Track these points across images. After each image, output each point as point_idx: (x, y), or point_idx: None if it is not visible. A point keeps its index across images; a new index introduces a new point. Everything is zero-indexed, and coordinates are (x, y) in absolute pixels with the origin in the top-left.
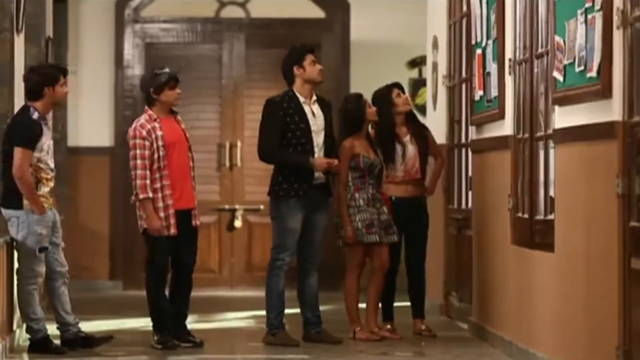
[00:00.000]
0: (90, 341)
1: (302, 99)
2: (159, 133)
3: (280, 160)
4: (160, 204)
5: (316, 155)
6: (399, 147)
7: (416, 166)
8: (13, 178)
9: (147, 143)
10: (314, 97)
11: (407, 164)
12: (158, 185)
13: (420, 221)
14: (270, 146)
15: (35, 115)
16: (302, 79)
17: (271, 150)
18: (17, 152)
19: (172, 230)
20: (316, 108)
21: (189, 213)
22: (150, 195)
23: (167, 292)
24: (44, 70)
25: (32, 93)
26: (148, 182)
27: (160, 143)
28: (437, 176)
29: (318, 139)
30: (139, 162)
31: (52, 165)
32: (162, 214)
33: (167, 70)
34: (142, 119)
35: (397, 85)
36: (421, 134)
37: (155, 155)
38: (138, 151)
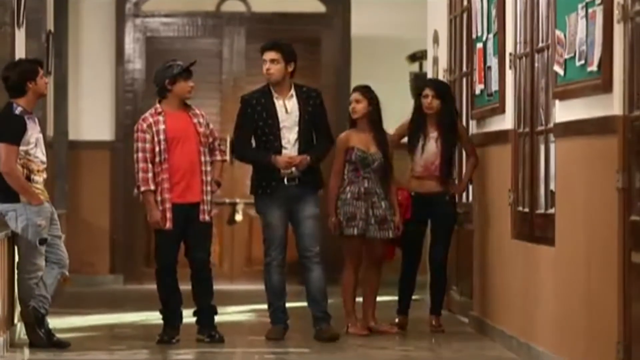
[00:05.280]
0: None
1: (275, 95)
2: (161, 127)
3: (248, 158)
4: (159, 198)
5: (288, 151)
6: (422, 141)
7: (436, 163)
8: None
9: (147, 136)
10: (291, 92)
11: (427, 160)
12: (158, 179)
13: (442, 218)
14: (239, 145)
15: (18, 111)
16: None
17: (240, 149)
18: (2, 148)
19: (167, 225)
20: (292, 103)
21: (196, 207)
22: (152, 187)
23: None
24: (22, 67)
25: (15, 90)
26: (150, 175)
27: (161, 137)
28: (468, 175)
29: (289, 135)
30: (140, 155)
31: (42, 157)
32: (160, 208)
33: (180, 63)
34: (148, 112)
35: (429, 85)
36: (451, 134)
37: (157, 149)
38: (139, 144)
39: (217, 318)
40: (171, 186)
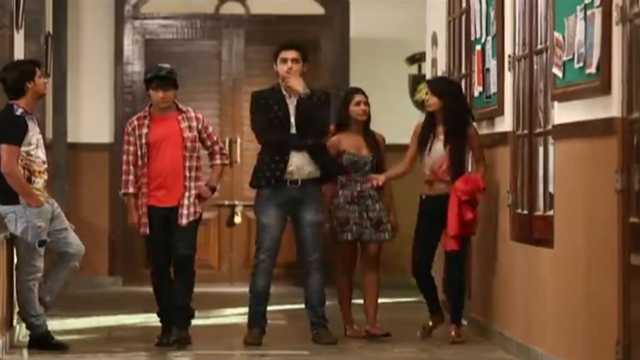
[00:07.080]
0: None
1: (285, 94)
2: (144, 131)
3: (272, 139)
4: (140, 202)
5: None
6: (430, 142)
7: (443, 167)
8: None
9: (131, 139)
10: (301, 93)
11: (434, 163)
12: (140, 182)
13: None
14: (260, 129)
15: (19, 112)
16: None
17: (261, 131)
18: (3, 149)
19: (142, 229)
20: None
21: (176, 211)
22: (130, 191)
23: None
24: (20, 67)
25: (14, 91)
26: (130, 177)
27: (143, 141)
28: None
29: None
30: (124, 157)
31: (43, 157)
32: (140, 211)
33: (166, 67)
34: (136, 115)
35: (429, 84)
36: (455, 134)
37: (139, 153)
38: (125, 147)
39: (215, 320)
40: (150, 190)
